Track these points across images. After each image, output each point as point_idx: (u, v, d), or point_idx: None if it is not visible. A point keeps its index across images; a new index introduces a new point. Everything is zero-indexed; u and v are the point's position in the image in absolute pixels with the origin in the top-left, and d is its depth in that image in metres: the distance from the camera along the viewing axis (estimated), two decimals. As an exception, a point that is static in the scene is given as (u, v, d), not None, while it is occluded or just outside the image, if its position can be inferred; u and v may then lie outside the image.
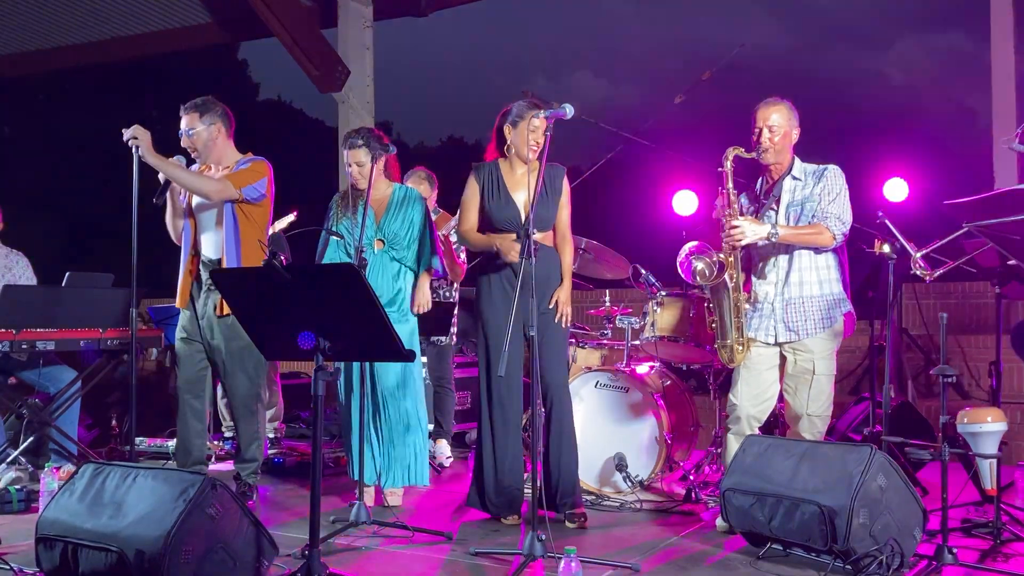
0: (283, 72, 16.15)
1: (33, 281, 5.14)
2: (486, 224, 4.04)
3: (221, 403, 5.92)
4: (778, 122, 3.80)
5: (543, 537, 3.30)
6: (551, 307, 3.95)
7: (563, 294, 3.98)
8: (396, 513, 4.04)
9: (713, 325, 3.92)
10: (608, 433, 4.55)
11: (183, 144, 4.21)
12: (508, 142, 4.01)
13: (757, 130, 3.82)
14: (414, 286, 4.37)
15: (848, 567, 3.18)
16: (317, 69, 8.63)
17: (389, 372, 4.27)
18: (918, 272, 3.82)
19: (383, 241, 4.30)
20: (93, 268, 4.93)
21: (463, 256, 5.26)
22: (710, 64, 8.20)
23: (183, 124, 4.23)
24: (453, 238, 5.19)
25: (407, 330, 4.32)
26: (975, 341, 6.47)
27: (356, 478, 4.13)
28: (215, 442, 5.69)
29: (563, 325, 3.98)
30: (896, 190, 7.13)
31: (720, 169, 3.78)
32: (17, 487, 4.30)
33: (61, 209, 16.10)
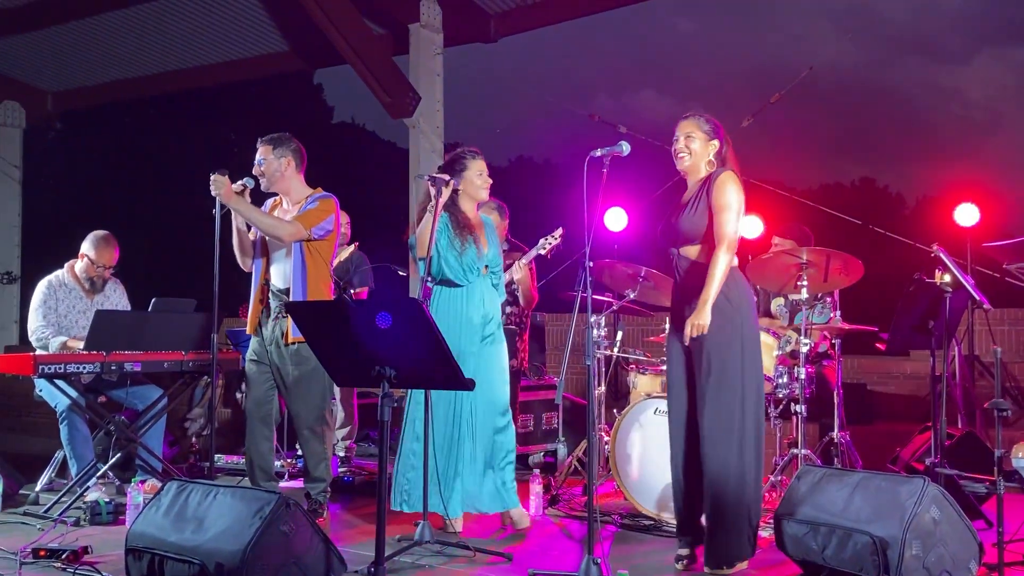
0: (356, 96, 16.59)
1: (127, 308, 5.46)
2: None
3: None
4: None
5: (598, 560, 3.41)
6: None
7: (695, 314, 3.66)
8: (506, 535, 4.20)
9: None
10: (667, 459, 4.61)
11: (254, 172, 4.51)
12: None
13: None
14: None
15: (901, 598, 3.21)
16: (389, 96, 8.89)
17: (496, 400, 4.41)
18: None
19: (487, 267, 4.43)
20: (175, 285, 5.21)
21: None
22: (779, 84, 8.24)
23: (258, 154, 4.54)
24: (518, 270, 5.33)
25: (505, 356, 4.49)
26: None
27: (399, 508, 4.30)
28: (288, 459, 5.93)
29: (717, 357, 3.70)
30: (968, 215, 7.03)
31: None
32: (106, 500, 4.58)
33: (147, 229, 16.74)
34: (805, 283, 4.72)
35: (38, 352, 4.96)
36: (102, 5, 9.34)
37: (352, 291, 5.97)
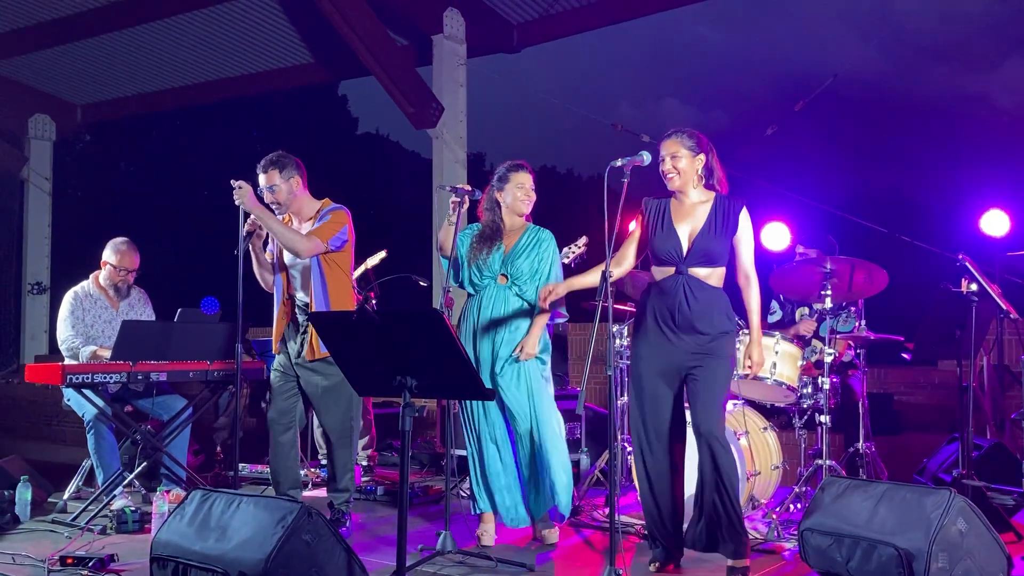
0: (380, 107, 16.67)
1: (152, 317, 5.52)
2: (651, 258, 4.00)
3: (317, 432, 6.18)
4: None
5: (620, 571, 3.40)
6: (719, 348, 3.79)
7: (752, 349, 3.89)
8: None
9: None
10: (690, 471, 4.59)
11: (266, 200, 4.44)
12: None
13: None
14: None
15: (927, 611, 3.17)
16: (412, 106, 8.93)
17: (515, 416, 4.30)
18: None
19: (507, 276, 4.35)
20: (202, 295, 5.26)
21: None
22: (803, 91, 8.19)
23: (262, 181, 4.46)
24: None
25: (534, 369, 4.31)
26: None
27: (479, 511, 4.36)
28: (311, 469, 5.96)
29: (727, 370, 3.80)
30: (996, 223, 6.93)
31: None
32: (132, 508, 4.62)
33: (174, 240, 16.93)
34: (829, 292, 4.69)
35: (67, 362, 5.03)
36: (130, 19, 9.47)
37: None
